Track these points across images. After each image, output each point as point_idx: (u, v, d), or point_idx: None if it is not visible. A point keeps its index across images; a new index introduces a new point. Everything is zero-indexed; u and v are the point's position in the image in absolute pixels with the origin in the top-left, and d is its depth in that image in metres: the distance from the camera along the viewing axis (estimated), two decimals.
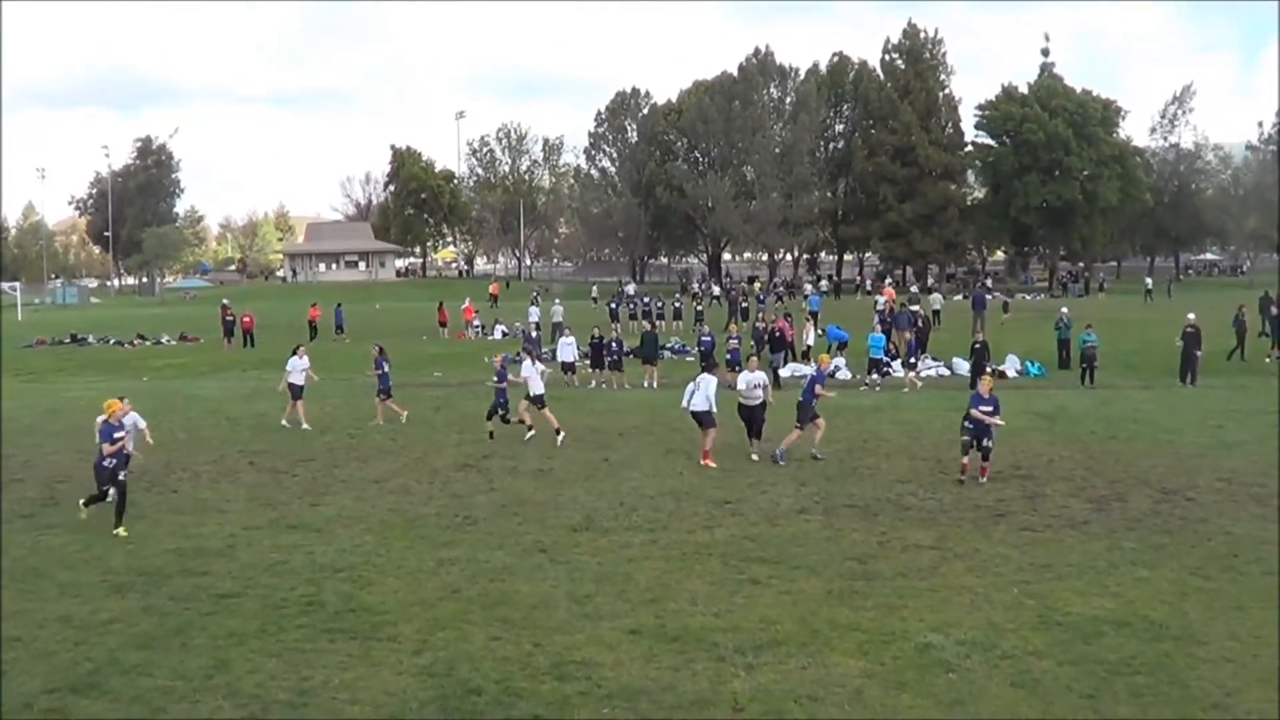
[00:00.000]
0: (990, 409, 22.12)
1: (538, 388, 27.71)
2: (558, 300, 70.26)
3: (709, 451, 24.13)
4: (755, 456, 24.13)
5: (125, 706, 11.62)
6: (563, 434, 26.91)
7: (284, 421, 30.06)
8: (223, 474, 23.83)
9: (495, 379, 28.36)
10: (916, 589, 15.27)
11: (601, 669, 12.42)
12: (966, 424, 22.24)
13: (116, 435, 19.00)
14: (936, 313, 60.10)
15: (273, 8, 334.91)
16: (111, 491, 18.96)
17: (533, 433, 27.27)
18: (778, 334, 40.74)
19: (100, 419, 19.50)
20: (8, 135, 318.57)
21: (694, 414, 24.28)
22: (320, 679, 12.24)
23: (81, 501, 19.63)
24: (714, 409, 24.26)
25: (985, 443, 22.02)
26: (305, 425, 29.64)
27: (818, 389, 25.04)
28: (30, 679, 12.32)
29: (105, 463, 18.92)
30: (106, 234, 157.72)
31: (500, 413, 27.79)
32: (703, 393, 24.21)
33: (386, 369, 31.15)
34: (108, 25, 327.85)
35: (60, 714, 11.47)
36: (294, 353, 31.23)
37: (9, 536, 18.80)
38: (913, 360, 39.47)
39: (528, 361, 28.55)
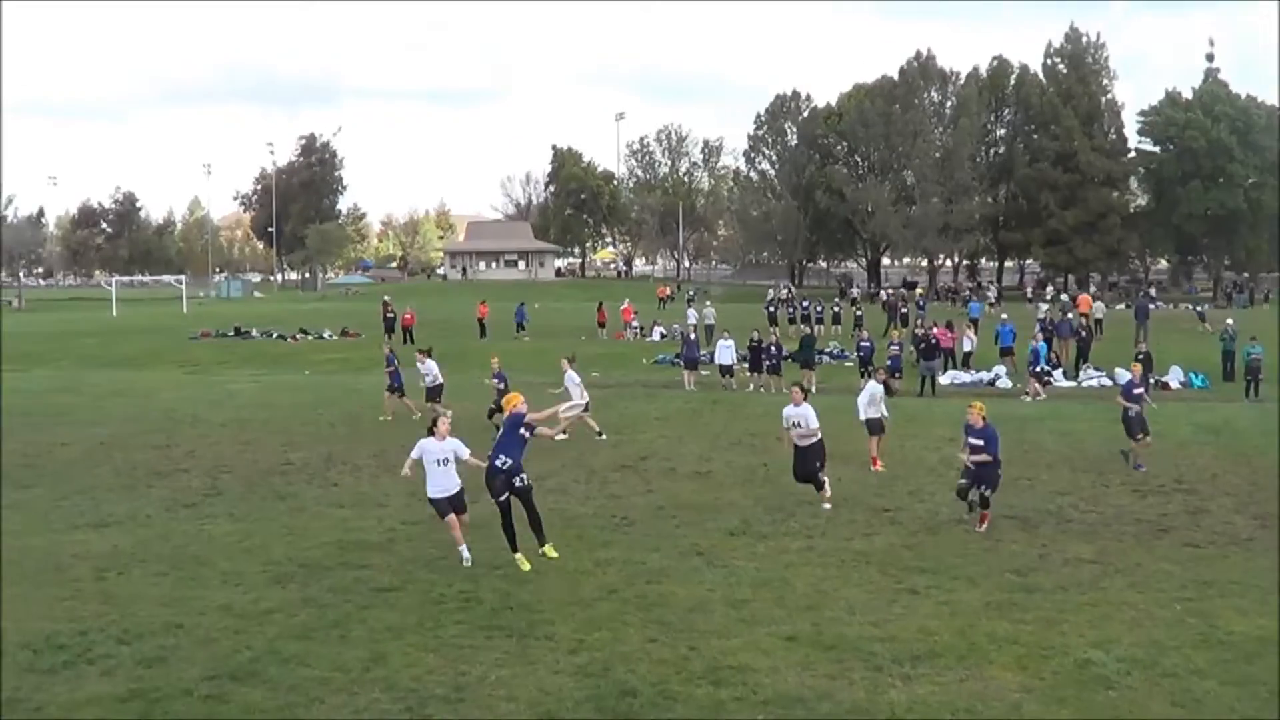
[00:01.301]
0: (980, 443, 19.16)
1: (578, 396, 27.37)
2: (708, 303, 70.14)
3: (877, 457, 24.04)
4: (828, 505, 20.59)
5: (283, 695, 11.77)
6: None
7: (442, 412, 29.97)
8: (383, 468, 23.90)
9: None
10: (1076, 603, 14.90)
11: (758, 675, 12.27)
12: (966, 469, 19.61)
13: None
14: (1098, 322, 58.77)
15: (429, 6, 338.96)
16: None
17: (602, 437, 27.47)
18: (934, 341, 40.15)
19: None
20: (176, 131, 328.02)
21: (865, 421, 24.08)
22: (477, 675, 12.27)
23: (518, 558, 16.67)
24: (885, 415, 24.35)
25: (984, 490, 19.11)
26: (426, 411, 29.31)
27: (1121, 400, 24.97)
28: (191, 665, 12.55)
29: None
30: (270, 229, 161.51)
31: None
32: (869, 400, 24.14)
33: (397, 366, 32.29)
34: (270, 23, 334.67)
35: (220, 700, 11.65)
36: (428, 355, 32.03)
37: (173, 525, 19.35)
38: (1039, 369, 38.37)
39: (570, 372, 28.16)
